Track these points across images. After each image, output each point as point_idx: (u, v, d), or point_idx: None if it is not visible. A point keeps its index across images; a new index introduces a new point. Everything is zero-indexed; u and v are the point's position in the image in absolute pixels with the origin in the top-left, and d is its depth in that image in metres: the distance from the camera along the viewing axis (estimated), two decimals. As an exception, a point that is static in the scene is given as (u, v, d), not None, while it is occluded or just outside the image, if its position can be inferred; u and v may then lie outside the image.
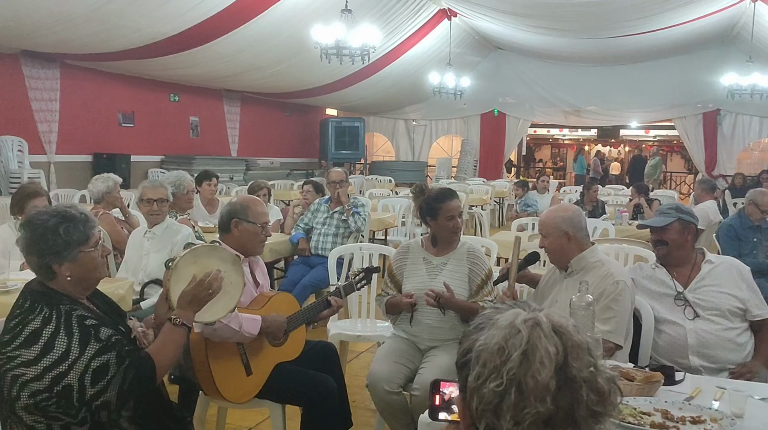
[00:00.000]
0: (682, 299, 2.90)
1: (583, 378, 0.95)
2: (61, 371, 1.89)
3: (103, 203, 4.73)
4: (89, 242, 2.04)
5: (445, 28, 12.94)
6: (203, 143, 13.30)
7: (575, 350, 0.97)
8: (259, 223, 2.85)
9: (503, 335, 0.97)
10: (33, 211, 2.08)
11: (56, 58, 9.71)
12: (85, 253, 2.02)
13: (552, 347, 0.96)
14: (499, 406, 0.94)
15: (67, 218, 2.04)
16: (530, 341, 0.96)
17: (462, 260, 3.16)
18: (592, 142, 27.61)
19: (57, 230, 1.99)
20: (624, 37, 12.53)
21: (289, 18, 9.41)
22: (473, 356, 1.00)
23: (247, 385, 2.67)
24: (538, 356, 0.95)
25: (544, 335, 0.96)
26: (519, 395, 0.94)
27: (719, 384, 2.22)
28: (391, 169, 16.25)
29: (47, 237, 1.99)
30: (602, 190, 12.52)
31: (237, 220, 2.81)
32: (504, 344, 0.97)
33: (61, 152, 10.12)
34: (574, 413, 0.94)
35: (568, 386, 0.94)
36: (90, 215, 2.11)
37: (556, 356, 0.95)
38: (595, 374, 0.96)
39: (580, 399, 0.94)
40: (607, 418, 0.95)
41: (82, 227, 2.03)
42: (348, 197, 5.38)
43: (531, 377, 0.94)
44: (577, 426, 0.94)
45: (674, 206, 3.10)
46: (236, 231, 2.83)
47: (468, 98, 15.09)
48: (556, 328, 0.98)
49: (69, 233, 2.00)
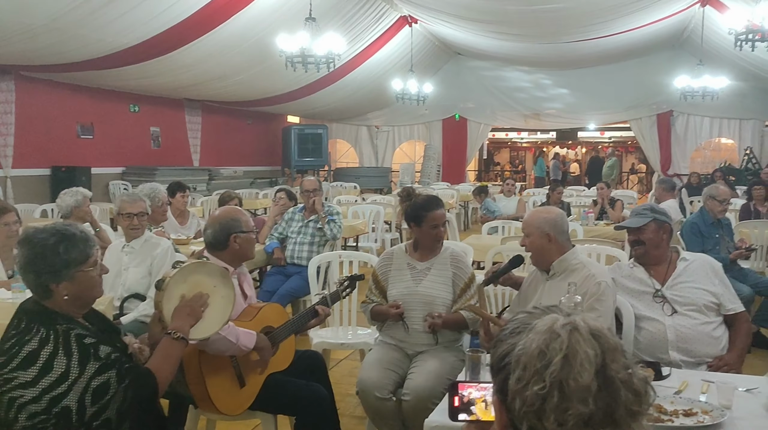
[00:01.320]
0: (660, 296, 3.00)
1: (621, 379, 0.99)
2: (60, 392, 1.86)
3: (72, 218, 4.64)
4: (88, 262, 2.02)
5: (407, 35, 13.06)
6: (165, 154, 13.12)
7: (612, 352, 1.01)
8: (251, 229, 2.89)
9: (543, 340, 1.01)
10: (31, 230, 2.05)
11: (10, 69, 9.47)
12: (83, 272, 2.00)
13: (591, 350, 1.00)
14: (542, 408, 0.98)
15: (66, 236, 2.01)
16: (570, 344, 1.00)
17: (445, 265, 3.21)
18: (550, 144, 28.11)
19: (56, 249, 1.97)
20: (581, 41, 12.84)
21: (253, 26, 9.38)
22: (512, 360, 1.03)
23: (240, 397, 2.66)
24: (578, 359, 0.99)
25: (583, 338, 1.01)
26: (561, 396, 0.98)
27: (704, 378, 2.31)
28: (356, 175, 16.29)
29: (46, 256, 1.96)
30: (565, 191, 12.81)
31: (235, 234, 2.80)
32: (545, 348, 1.00)
33: (18, 166, 9.86)
34: (614, 412, 0.98)
35: (608, 387, 0.99)
36: (90, 235, 2.09)
37: (596, 359, 0.99)
38: (631, 375, 1.00)
39: (619, 399, 0.99)
40: (644, 417, 1.00)
41: (82, 246, 2.01)
42: (323, 206, 5.38)
43: (573, 380, 0.98)
44: (616, 425, 0.98)
45: (649, 207, 3.21)
46: (236, 245, 2.82)
47: (430, 104, 15.25)
48: (593, 332, 1.02)
49: (68, 252, 1.98)
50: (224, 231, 2.79)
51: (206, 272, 2.34)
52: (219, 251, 2.82)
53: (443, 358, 3.06)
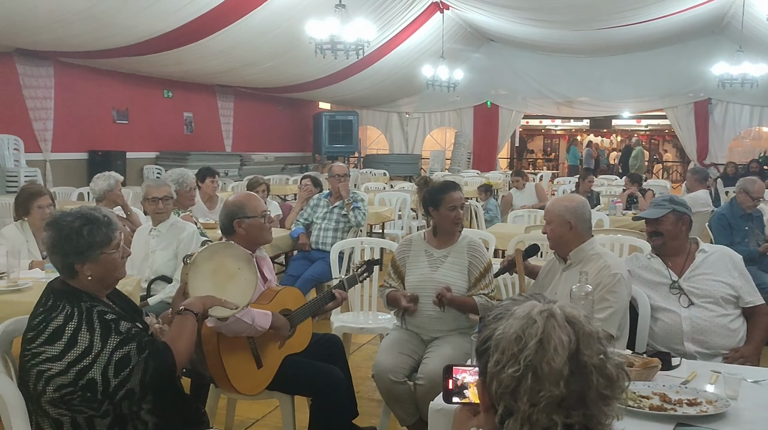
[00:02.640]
0: (676, 288, 2.99)
1: (594, 364, 1.03)
2: (85, 365, 1.96)
3: (105, 201, 4.79)
4: (111, 244, 2.11)
5: (438, 21, 13.00)
6: (197, 139, 13.33)
7: (587, 338, 1.05)
8: (259, 214, 2.90)
9: (520, 325, 1.06)
10: (57, 213, 2.15)
11: (50, 56, 9.72)
12: (106, 254, 2.10)
13: (565, 336, 1.04)
14: (517, 389, 1.03)
15: (90, 220, 2.11)
16: (545, 330, 1.04)
17: (462, 253, 3.24)
18: (584, 132, 27.74)
19: (81, 232, 2.07)
20: (615, 28, 12.63)
21: (283, 13, 9.45)
22: (492, 344, 1.08)
23: (258, 377, 2.75)
24: (552, 344, 1.03)
25: (558, 325, 1.05)
26: (535, 379, 1.02)
27: (714, 368, 2.31)
28: (385, 162, 16.32)
29: (71, 238, 2.06)
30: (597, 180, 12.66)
31: (238, 220, 2.87)
32: (521, 333, 1.05)
33: (57, 150, 10.14)
34: (585, 396, 1.03)
35: (580, 372, 1.03)
36: (113, 218, 2.17)
37: (569, 344, 1.04)
38: (604, 361, 1.04)
39: (591, 384, 1.03)
40: (615, 401, 1.04)
41: (105, 230, 2.10)
42: (348, 192, 5.45)
43: (546, 364, 1.02)
44: (587, 408, 1.03)
45: (668, 198, 3.18)
46: (241, 230, 2.89)
47: (461, 90, 15.18)
48: (569, 318, 1.07)
49: (92, 235, 2.07)
50: (228, 217, 2.87)
51: (232, 254, 2.43)
52: (229, 236, 2.89)
53: (458, 344, 3.10)
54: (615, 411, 1.04)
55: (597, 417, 1.03)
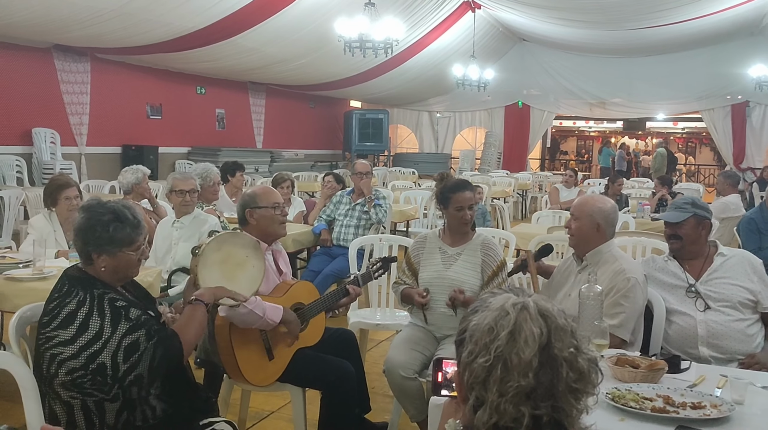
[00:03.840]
0: (693, 291, 2.95)
1: (564, 358, 1.04)
2: (95, 350, 2.02)
3: (133, 194, 4.90)
4: (132, 246, 2.18)
5: (469, 20, 12.95)
6: (229, 135, 13.51)
7: (558, 332, 1.06)
8: (270, 205, 2.94)
9: (494, 317, 1.07)
10: (94, 201, 2.23)
11: (87, 52, 9.95)
12: (124, 253, 2.17)
13: (537, 329, 1.05)
14: (487, 379, 1.04)
15: (120, 218, 2.17)
16: (517, 322, 1.06)
17: (476, 251, 3.24)
18: (618, 134, 27.34)
19: (107, 226, 2.14)
20: (649, 28, 12.42)
21: (313, 11, 9.53)
22: (468, 335, 1.10)
23: (269, 369, 2.79)
24: (523, 336, 1.05)
25: (531, 317, 1.06)
26: (504, 370, 1.04)
27: (723, 372, 2.28)
28: (415, 161, 16.33)
29: (96, 229, 2.13)
30: (627, 183, 12.49)
31: (250, 209, 2.93)
32: (494, 325, 1.06)
33: (92, 144, 10.38)
34: (555, 388, 1.04)
35: (550, 364, 1.04)
36: (142, 222, 2.24)
37: (540, 337, 1.05)
38: (575, 355, 1.05)
39: (561, 376, 1.04)
40: (586, 395, 1.05)
41: (130, 231, 2.17)
42: (371, 189, 5.48)
43: (515, 355, 1.03)
44: (556, 400, 1.03)
45: (690, 201, 3.12)
46: (253, 220, 2.94)
47: (492, 90, 15.10)
48: (542, 311, 1.08)
49: (116, 232, 2.15)
50: (242, 207, 2.93)
51: (239, 243, 2.48)
52: (244, 226, 2.96)
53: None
54: (584, 405, 1.05)
55: (566, 410, 1.04)
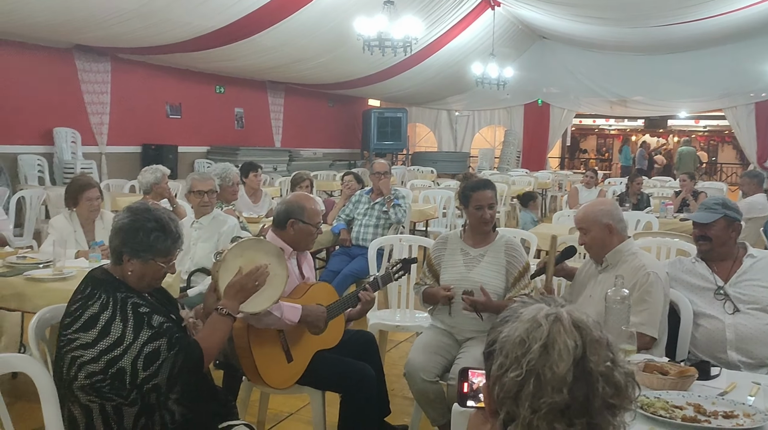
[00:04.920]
0: (722, 294, 2.88)
1: (600, 372, 0.99)
2: (115, 355, 2.01)
3: (152, 194, 4.90)
4: (166, 258, 2.18)
5: (489, 18, 12.85)
6: (248, 134, 13.54)
7: (594, 345, 1.01)
8: (314, 223, 2.94)
9: (526, 328, 1.02)
10: (143, 205, 2.22)
11: (107, 52, 10.01)
12: (155, 263, 2.15)
13: (571, 342, 1.00)
14: (519, 394, 1.00)
15: (164, 229, 2.17)
16: (550, 334, 1.01)
17: (500, 253, 3.19)
18: (639, 132, 27.05)
19: (149, 234, 2.13)
20: (671, 25, 12.24)
21: (332, 10, 9.50)
22: (497, 347, 1.05)
23: (287, 371, 2.77)
24: (557, 349, 1.00)
25: (564, 329, 1.01)
26: (537, 385, 0.99)
27: (756, 379, 2.21)
28: (433, 159, 16.26)
29: (137, 233, 2.13)
30: (648, 181, 12.33)
31: (294, 220, 2.90)
32: (525, 337, 1.02)
33: (112, 143, 10.45)
34: (590, 404, 0.99)
35: (585, 379, 0.99)
36: (182, 237, 2.24)
37: (575, 350, 1.00)
38: (612, 369, 1.00)
39: (596, 392, 0.99)
40: (623, 411, 1.00)
41: (170, 244, 2.17)
42: (389, 189, 5.45)
43: (549, 369, 0.99)
44: (591, 417, 0.99)
45: (720, 202, 3.03)
46: (291, 230, 2.92)
47: (512, 88, 14.98)
48: (576, 323, 1.03)
49: (156, 242, 2.14)
50: (287, 213, 2.90)
51: (263, 250, 2.44)
52: (280, 229, 2.93)
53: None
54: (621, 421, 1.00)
55: (602, 426, 0.99)
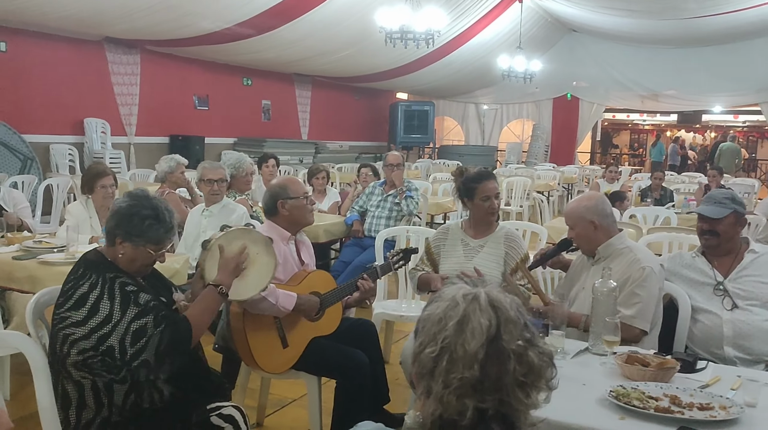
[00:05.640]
0: (721, 289, 2.85)
1: (512, 350, 1.02)
2: (105, 332, 2.09)
3: (167, 182, 5.00)
4: (157, 246, 2.25)
5: (516, 11, 12.73)
6: (274, 126, 13.67)
7: (508, 324, 1.03)
8: (301, 195, 3.01)
9: (444, 307, 1.05)
10: (143, 192, 2.31)
11: (137, 44, 10.21)
12: (145, 249, 2.23)
13: (485, 320, 1.03)
14: (433, 370, 1.03)
15: (158, 218, 2.25)
16: (466, 313, 1.04)
17: (499, 244, 3.21)
18: (674, 127, 26.51)
19: (143, 221, 2.21)
20: (704, 17, 11.97)
21: (356, 3, 9.53)
22: (420, 326, 1.08)
23: (283, 356, 2.82)
24: (470, 326, 1.02)
25: (480, 308, 1.04)
26: (450, 361, 1.02)
27: (741, 374, 2.19)
28: (460, 153, 16.18)
29: (131, 218, 2.21)
30: (678, 177, 12.12)
31: (282, 200, 2.97)
32: (443, 315, 1.05)
33: (141, 134, 10.67)
34: (501, 381, 1.01)
35: (498, 357, 1.02)
36: (175, 228, 2.31)
37: (488, 329, 1.02)
38: (525, 348, 1.02)
39: (507, 369, 1.01)
40: (536, 390, 1.02)
41: (162, 232, 2.24)
42: (402, 181, 5.47)
43: (461, 346, 1.02)
44: (504, 394, 1.01)
45: (730, 196, 2.98)
46: (284, 210, 2.98)
47: (540, 82, 14.83)
48: (493, 303, 1.05)
49: (149, 229, 2.22)
50: (272, 198, 2.96)
51: (251, 239, 2.48)
52: (273, 216, 2.99)
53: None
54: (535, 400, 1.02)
55: (513, 404, 1.01)
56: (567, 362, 2.29)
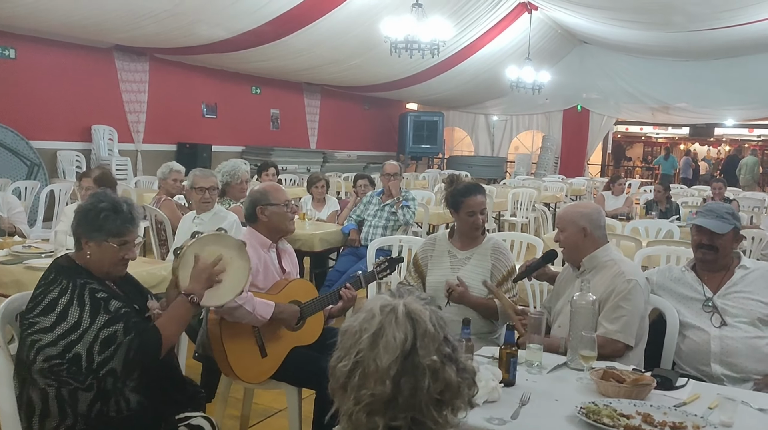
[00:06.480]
0: (710, 306, 2.77)
1: (428, 366, 0.97)
2: (72, 339, 2.06)
3: (161, 190, 5.00)
4: (118, 238, 2.20)
5: (526, 22, 12.70)
6: (283, 135, 13.70)
7: (425, 338, 0.99)
8: (281, 202, 2.96)
9: (362, 319, 1.01)
10: (102, 190, 2.31)
11: (146, 52, 10.28)
12: (109, 244, 2.19)
13: (401, 334, 0.98)
14: (346, 385, 0.99)
15: (115, 209, 2.22)
16: (382, 326, 0.99)
17: (486, 256, 3.16)
18: (686, 140, 26.31)
19: (99, 214, 2.19)
20: (716, 29, 11.87)
21: (363, 13, 9.55)
22: (338, 338, 1.04)
23: (261, 366, 2.78)
24: (384, 340, 0.98)
25: (397, 321, 0.99)
26: (362, 376, 0.97)
27: (720, 391, 2.13)
28: (469, 164, 16.16)
29: (89, 214, 2.20)
30: (687, 190, 11.99)
31: (261, 206, 2.94)
32: (359, 327, 1.00)
33: (148, 141, 10.73)
34: (416, 398, 0.96)
35: (412, 372, 0.97)
36: (137, 219, 2.27)
37: (404, 343, 0.98)
38: (442, 364, 0.97)
39: (422, 386, 0.96)
40: (453, 408, 0.97)
41: (120, 223, 2.21)
42: (399, 190, 5.44)
43: (373, 360, 0.97)
44: (418, 412, 0.96)
45: (731, 211, 2.90)
46: (264, 217, 2.95)
47: (550, 93, 14.77)
48: (411, 315, 1.00)
49: (106, 221, 2.19)
50: (252, 204, 2.93)
51: (223, 244, 2.43)
52: (253, 223, 2.96)
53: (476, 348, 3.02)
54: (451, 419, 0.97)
55: (427, 423, 0.96)
56: (543, 376, 2.24)
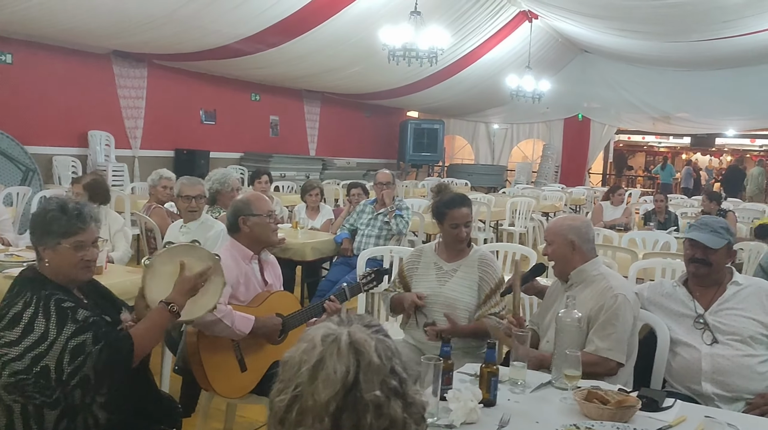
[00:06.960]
0: (701, 322, 2.71)
1: (371, 401, 0.90)
2: (40, 352, 2.00)
3: (150, 198, 4.95)
4: (68, 239, 2.12)
5: (526, 31, 12.66)
6: (282, 142, 13.65)
7: (369, 371, 0.91)
8: (264, 213, 2.90)
9: (303, 349, 0.95)
10: (55, 196, 2.24)
11: (144, 58, 10.26)
12: (62, 246, 2.12)
13: (342, 367, 0.91)
14: (284, 421, 0.92)
15: (62, 209, 2.15)
16: (322, 357, 0.92)
17: (473, 268, 3.10)
18: (688, 150, 26.25)
19: (45, 216, 2.13)
20: (717, 40, 11.81)
21: (362, 20, 9.51)
22: (279, 369, 0.98)
23: (241, 381, 2.72)
24: (324, 373, 0.91)
25: (339, 353, 0.92)
26: (299, 411, 0.91)
27: (709, 414, 2.06)
28: (469, 172, 16.10)
29: (36, 219, 2.15)
30: (687, 200, 11.92)
31: (243, 217, 2.88)
32: (299, 359, 0.94)
33: (145, 147, 10.69)
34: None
35: (353, 408, 0.90)
36: (86, 217, 2.17)
37: (345, 376, 0.91)
38: (386, 400, 0.90)
39: (365, 423, 0.89)
40: None
41: (66, 222, 2.12)
42: (393, 200, 5.38)
43: (311, 395, 0.90)
44: None
45: (725, 226, 2.83)
46: (246, 227, 2.89)
47: (551, 102, 14.72)
48: (355, 346, 0.93)
49: (52, 222, 2.12)
50: (234, 214, 2.87)
51: (196, 256, 2.35)
52: (235, 233, 2.90)
53: (462, 363, 2.95)
54: None
55: None
56: (525, 396, 2.17)
